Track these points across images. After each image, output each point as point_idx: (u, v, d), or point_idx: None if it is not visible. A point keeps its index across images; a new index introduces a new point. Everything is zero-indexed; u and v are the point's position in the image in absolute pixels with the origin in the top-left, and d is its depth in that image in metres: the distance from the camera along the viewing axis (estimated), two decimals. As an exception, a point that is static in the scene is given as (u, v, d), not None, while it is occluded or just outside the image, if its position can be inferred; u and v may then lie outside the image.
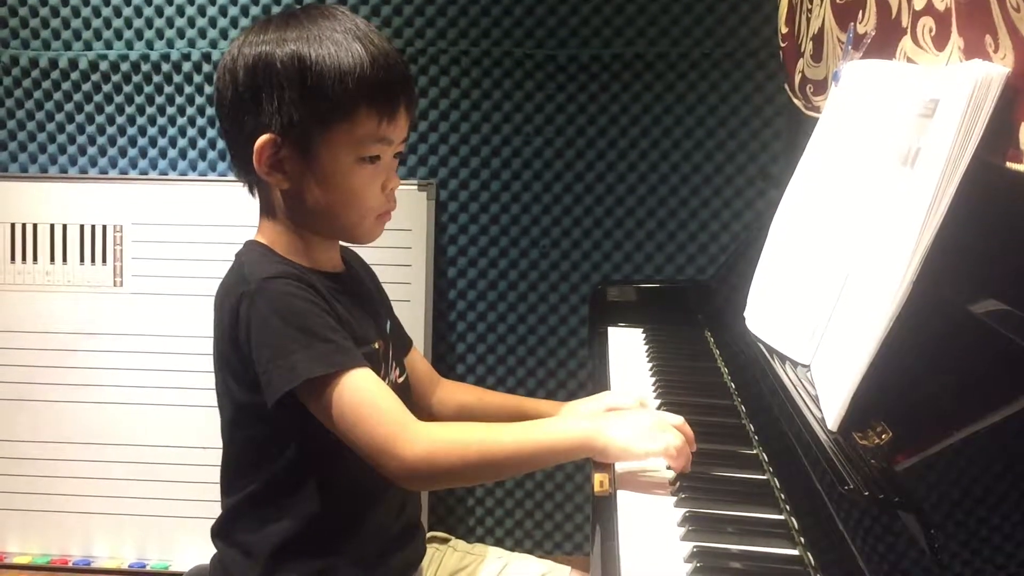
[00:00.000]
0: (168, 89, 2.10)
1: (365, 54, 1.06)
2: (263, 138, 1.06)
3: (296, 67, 1.05)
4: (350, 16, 1.10)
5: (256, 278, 1.06)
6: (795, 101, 1.65)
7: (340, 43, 1.06)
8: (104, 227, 2.10)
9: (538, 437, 1.04)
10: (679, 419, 1.05)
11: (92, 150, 2.15)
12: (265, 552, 1.11)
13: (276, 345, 1.02)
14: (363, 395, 1.02)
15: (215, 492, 1.18)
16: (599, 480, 1.04)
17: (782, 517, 0.96)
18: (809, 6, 1.56)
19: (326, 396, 1.02)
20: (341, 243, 1.20)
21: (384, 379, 1.16)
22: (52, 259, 2.11)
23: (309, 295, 1.05)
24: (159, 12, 2.07)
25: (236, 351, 1.06)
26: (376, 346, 1.15)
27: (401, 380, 1.23)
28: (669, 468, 1.04)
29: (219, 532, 1.16)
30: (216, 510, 1.18)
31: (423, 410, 1.35)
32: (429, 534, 1.30)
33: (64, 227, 2.11)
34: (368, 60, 1.06)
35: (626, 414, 1.12)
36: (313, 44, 1.06)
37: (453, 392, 1.38)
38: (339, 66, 1.05)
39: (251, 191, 1.16)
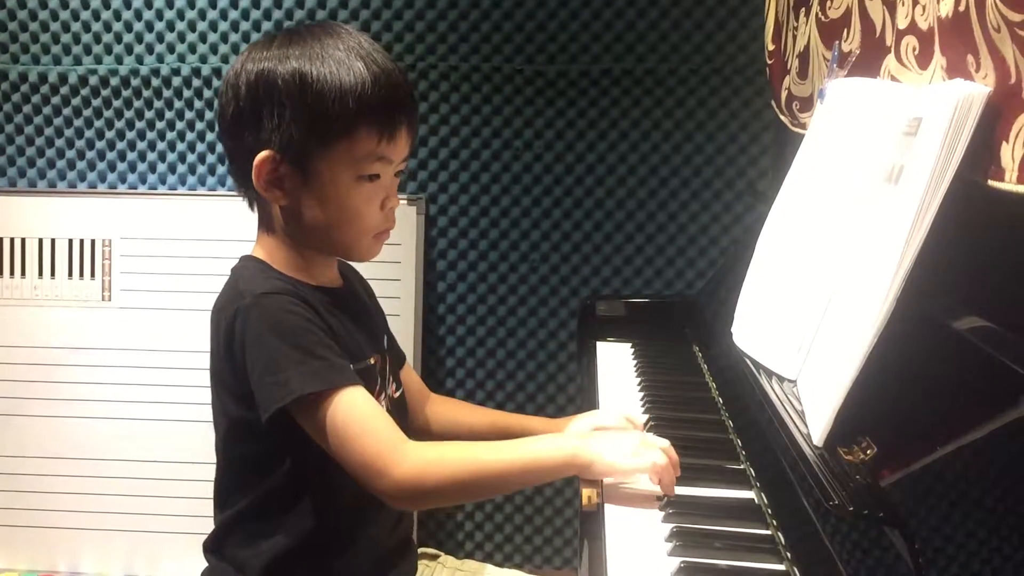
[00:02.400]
0: (157, 103, 2.10)
1: (367, 72, 1.06)
2: (262, 154, 1.06)
3: (297, 84, 1.05)
4: (354, 34, 1.10)
5: (251, 293, 1.06)
6: (782, 117, 1.67)
7: (342, 61, 1.06)
8: (93, 241, 2.09)
9: (525, 455, 1.04)
10: (665, 442, 1.06)
11: (81, 164, 2.14)
12: (257, 568, 1.11)
13: (270, 361, 1.02)
14: (355, 413, 1.02)
15: (204, 507, 1.18)
16: (587, 495, 1.05)
17: (769, 532, 0.97)
18: (795, 24, 1.57)
19: (318, 413, 1.02)
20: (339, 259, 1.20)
21: (381, 394, 1.16)
22: (40, 273, 2.10)
23: (304, 311, 1.05)
24: (149, 27, 2.07)
25: (231, 366, 1.06)
26: (372, 361, 1.15)
27: (397, 395, 1.23)
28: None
29: (212, 547, 1.16)
30: (204, 525, 1.17)
31: (415, 425, 1.35)
32: (420, 550, 1.30)
33: (53, 241, 2.10)
34: (370, 78, 1.06)
35: (612, 433, 1.13)
36: (315, 61, 1.06)
37: (442, 407, 1.38)
38: (340, 84, 1.05)
39: (251, 206, 1.16)
